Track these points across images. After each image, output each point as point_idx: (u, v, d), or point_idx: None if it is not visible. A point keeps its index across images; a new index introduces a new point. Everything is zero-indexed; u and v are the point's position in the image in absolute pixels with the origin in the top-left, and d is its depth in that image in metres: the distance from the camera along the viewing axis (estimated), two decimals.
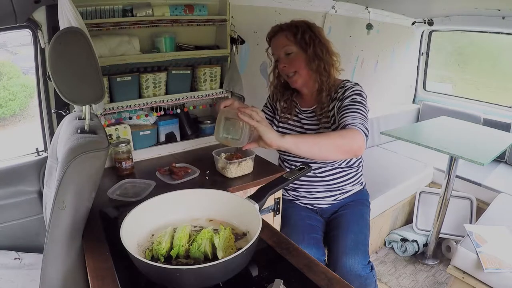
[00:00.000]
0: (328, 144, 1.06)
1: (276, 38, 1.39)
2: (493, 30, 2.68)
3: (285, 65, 1.36)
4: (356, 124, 1.15)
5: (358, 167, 1.51)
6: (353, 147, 1.10)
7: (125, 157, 1.36)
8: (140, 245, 0.77)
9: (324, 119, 1.37)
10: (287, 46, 1.35)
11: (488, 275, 1.57)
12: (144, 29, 1.46)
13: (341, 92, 1.32)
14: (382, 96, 3.09)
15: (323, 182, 1.46)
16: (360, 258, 1.28)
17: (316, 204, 1.50)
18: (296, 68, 1.36)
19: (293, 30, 1.35)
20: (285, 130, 1.47)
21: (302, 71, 1.36)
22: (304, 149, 1.03)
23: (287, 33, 1.36)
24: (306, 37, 1.34)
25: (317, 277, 0.75)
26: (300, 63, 1.35)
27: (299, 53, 1.35)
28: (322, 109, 1.37)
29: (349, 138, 1.10)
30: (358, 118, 1.18)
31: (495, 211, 2.05)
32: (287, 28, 1.37)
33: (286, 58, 1.37)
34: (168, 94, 1.53)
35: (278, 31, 1.39)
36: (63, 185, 0.80)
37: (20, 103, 1.94)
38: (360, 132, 1.12)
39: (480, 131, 2.38)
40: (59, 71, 0.82)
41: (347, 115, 1.21)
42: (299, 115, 1.46)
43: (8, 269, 1.28)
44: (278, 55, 1.39)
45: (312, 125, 1.42)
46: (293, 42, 1.35)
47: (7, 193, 1.38)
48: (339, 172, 1.46)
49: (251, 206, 0.79)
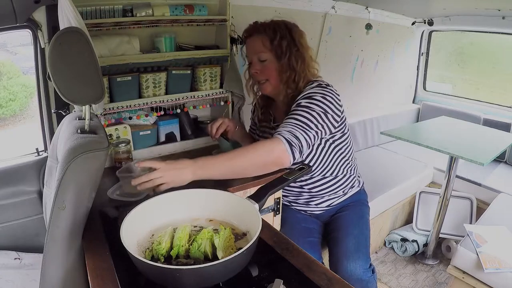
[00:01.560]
0: (242, 162, 1.02)
1: (251, 40, 1.31)
2: (493, 30, 2.68)
3: (257, 72, 1.31)
4: (282, 132, 1.10)
5: (349, 173, 1.42)
6: (270, 159, 1.06)
7: (125, 157, 1.36)
8: (140, 245, 0.77)
9: None
10: (262, 52, 1.28)
11: (488, 275, 1.57)
12: (144, 29, 1.46)
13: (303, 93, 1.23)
14: (382, 96, 3.09)
15: (311, 193, 1.41)
16: (362, 262, 1.26)
17: (309, 210, 1.47)
18: (267, 76, 1.30)
19: (270, 35, 1.26)
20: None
21: (273, 80, 1.30)
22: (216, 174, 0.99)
23: (263, 38, 1.27)
24: (283, 44, 1.25)
25: (317, 277, 0.75)
26: (272, 72, 1.29)
27: (273, 61, 1.28)
28: None
29: (265, 150, 1.05)
30: (289, 125, 1.12)
31: (495, 211, 2.05)
32: (264, 31, 1.27)
33: (258, 63, 1.30)
34: (168, 94, 1.53)
35: (254, 32, 1.30)
36: (63, 185, 0.80)
37: (20, 103, 1.94)
38: (281, 140, 1.07)
39: (480, 131, 2.38)
40: (59, 71, 0.81)
41: (282, 124, 1.15)
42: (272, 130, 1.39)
43: (8, 269, 1.28)
44: (250, 59, 1.33)
45: None
46: (268, 49, 1.27)
47: (7, 193, 1.38)
48: (326, 183, 1.39)
49: (251, 206, 0.80)
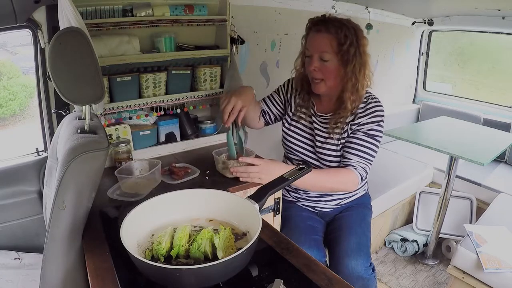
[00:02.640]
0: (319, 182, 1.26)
1: (318, 36, 1.21)
2: (493, 30, 2.68)
3: (315, 69, 1.24)
4: (358, 168, 1.27)
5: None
6: (341, 188, 1.32)
7: (125, 157, 1.36)
8: (140, 245, 0.77)
9: (336, 129, 1.31)
10: (327, 52, 1.20)
11: (488, 275, 1.57)
12: (144, 29, 1.46)
13: (362, 110, 1.27)
14: (382, 96, 3.02)
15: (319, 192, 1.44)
16: (363, 260, 1.27)
17: (317, 207, 1.48)
18: (325, 77, 1.24)
19: (340, 38, 1.18)
20: (296, 130, 1.41)
21: (331, 82, 1.25)
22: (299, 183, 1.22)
23: (332, 39, 1.19)
24: (351, 52, 1.18)
25: (317, 277, 0.75)
26: (332, 75, 1.23)
27: (337, 66, 1.22)
28: (337, 123, 1.30)
29: (344, 184, 1.29)
30: (363, 161, 1.27)
31: (495, 211, 2.05)
32: (335, 32, 1.18)
33: (319, 62, 1.22)
34: (168, 94, 1.53)
35: (322, 29, 1.20)
36: (63, 185, 0.80)
37: (20, 103, 1.94)
38: (358, 177, 1.26)
39: (480, 131, 2.38)
40: (59, 71, 0.81)
41: (355, 152, 1.27)
42: (312, 117, 1.38)
43: (8, 269, 1.28)
44: (311, 54, 1.24)
45: (323, 132, 1.35)
46: (335, 52, 1.19)
47: (7, 193, 1.38)
48: None
49: (251, 206, 0.79)
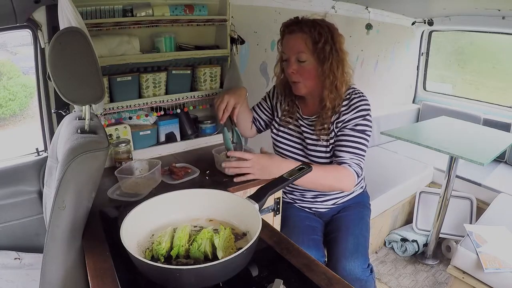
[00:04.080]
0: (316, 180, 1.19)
1: (292, 37, 1.21)
2: (493, 30, 2.69)
3: (293, 71, 1.24)
4: (352, 165, 1.23)
5: None
6: (341, 188, 1.26)
7: (125, 157, 1.35)
8: (140, 245, 0.77)
9: (323, 131, 1.30)
10: (303, 53, 1.20)
11: (488, 275, 1.57)
12: (144, 29, 1.46)
13: (346, 107, 1.25)
14: (382, 96, 3.09)
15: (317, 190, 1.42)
16: (360, 261, 1.27)
17: (314, 207, 1.48)
18: (304, 78, 1.25)
19: (314, 37, 1.18)
20: (284, 135, 1.42)
21: (310, 82, 1.25)
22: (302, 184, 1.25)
23: (307, 38, 1.18)
24: (327, 49, 1.18)
25: (317, 277, 0.75)
26: (310, 75, 1.23)
27: (313, 65, 1.22)
28: (323, 124, 1.29)
29: (341, 182, 1.23)
30: (355, 157, 1.24)
31: (495, 211, 2.05)
32: (309, 31, 1.18)
33: (296, 64, 1.23)
34: (168, 94, 1.53)
35: (296, 30, 1.20)
36: (63, 185, 0.80)
37: (20, 103, 1.94)
38: (353, 174, 1.22)
39: (480, 131, 2.39)
40: (59, 71, 0.81)
41: (345, 149, 1.24)
42: (299, 121, 1.38)
43: (8, 269, 1.28)
44: (288, 57, 1.24)
45: (311, 135, 1.35)
46: (310, 51, 1.19)
47: (7, 193, 1.38)
48: None
49: (251, 206, 0.79)
